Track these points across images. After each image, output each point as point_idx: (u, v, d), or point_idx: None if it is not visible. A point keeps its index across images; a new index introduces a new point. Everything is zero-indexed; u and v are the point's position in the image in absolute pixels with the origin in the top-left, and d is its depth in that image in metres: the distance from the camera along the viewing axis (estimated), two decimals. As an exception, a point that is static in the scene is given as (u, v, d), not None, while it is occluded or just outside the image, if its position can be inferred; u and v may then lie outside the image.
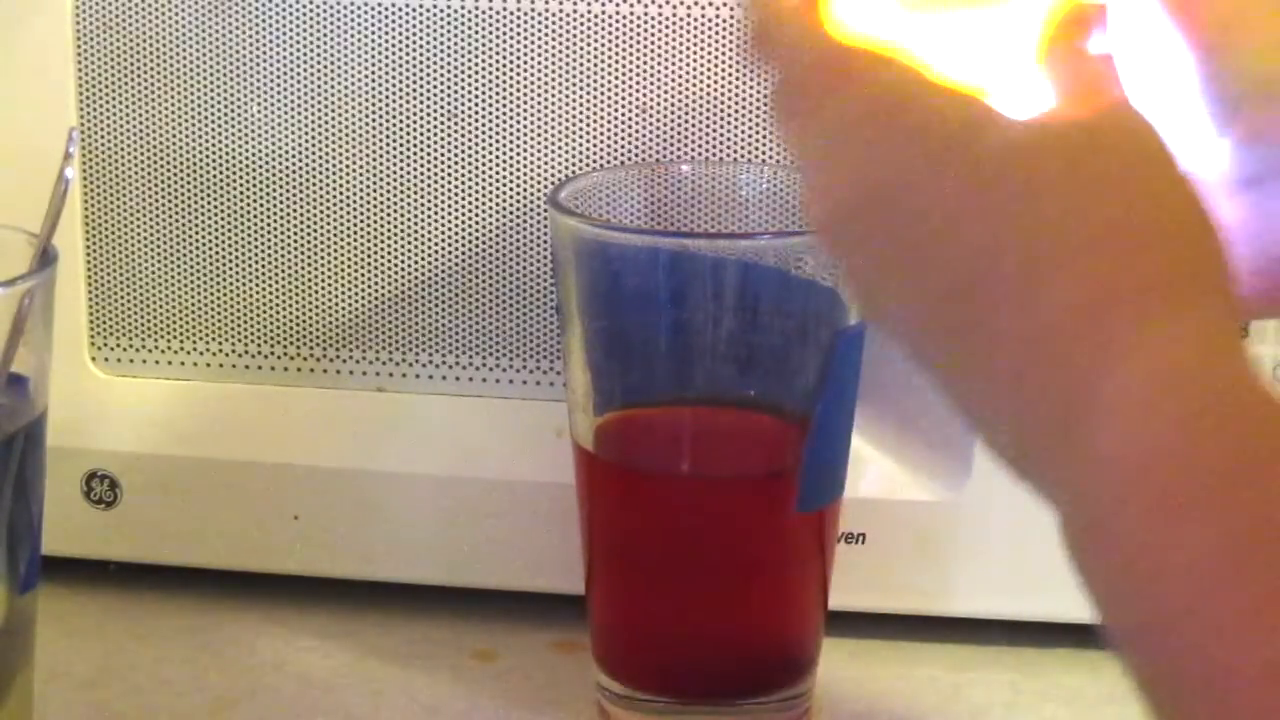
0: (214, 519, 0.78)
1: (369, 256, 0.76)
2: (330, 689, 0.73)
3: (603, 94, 0.74)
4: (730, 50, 0.72)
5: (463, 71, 0.74)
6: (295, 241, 0.76)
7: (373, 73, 0.74)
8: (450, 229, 0.75)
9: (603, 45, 0.73)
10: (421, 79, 0.74)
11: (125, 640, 0.77)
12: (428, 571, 0.78)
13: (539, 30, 0.73)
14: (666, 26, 0.73)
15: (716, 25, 0.72)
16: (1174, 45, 0.51)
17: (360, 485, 0.77)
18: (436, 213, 0.75)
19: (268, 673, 0.74)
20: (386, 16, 0.74)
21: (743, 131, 0.73)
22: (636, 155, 0.74)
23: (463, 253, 0.75)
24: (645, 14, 0.73)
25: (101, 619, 0.78)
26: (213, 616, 0.78)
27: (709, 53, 0.73)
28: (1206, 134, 0.52)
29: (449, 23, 0.74)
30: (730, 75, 0.73)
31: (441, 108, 0.74)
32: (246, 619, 0.78)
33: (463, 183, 0.75)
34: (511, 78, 0.74)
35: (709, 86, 0.73)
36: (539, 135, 0.74)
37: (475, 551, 0.77)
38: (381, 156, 0.75)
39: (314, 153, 0.75)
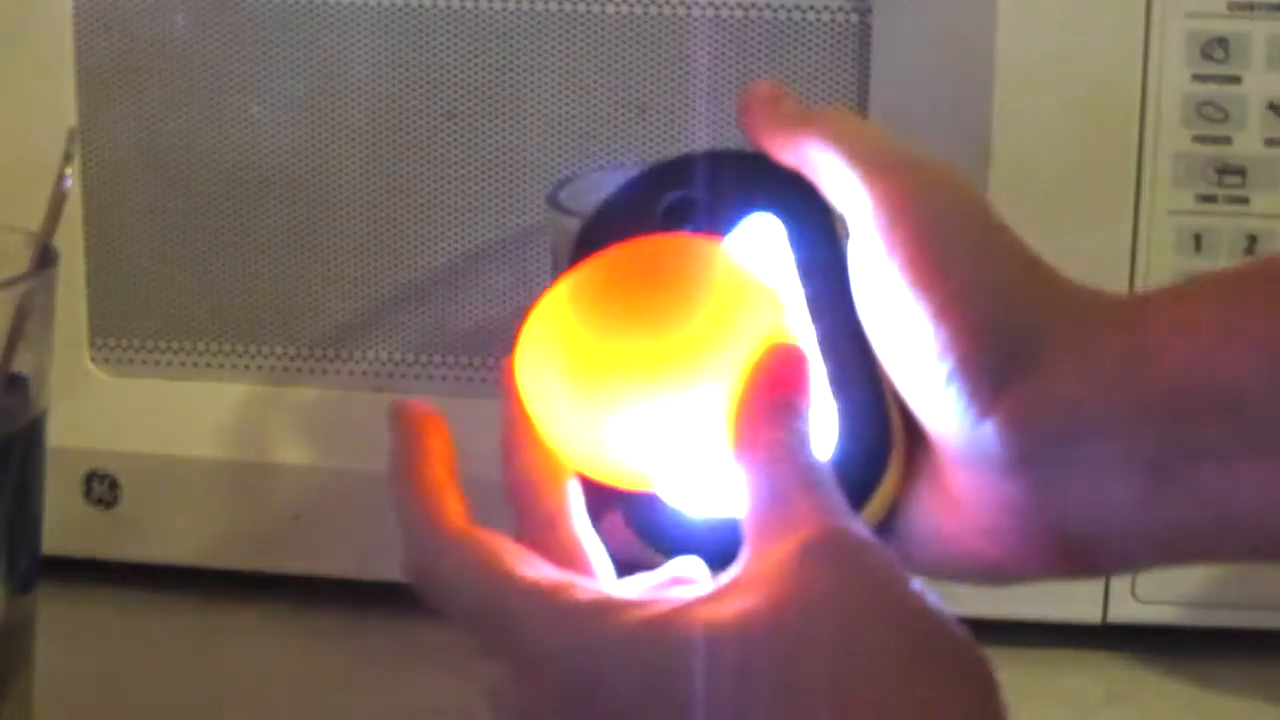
0: (214, 519, 0.78)
1: (368, 257, 0.76)
2: (330, 689, 0.73)
3: (603, 94, 0.73)
4: (730, 50, 0.72)
5: (463, 71, 0.74)
6: (295, 242, 0.76)
7: (373, 73, 0.74)
8: (450, 229, 0.75)
9: (602, 45, 0.73)
10: (422, 79, 0.74)
11: (125, 640, 0.77)
12: (428, 571, 0.78)
13: (539, 30, 0.73)
14: (666, 26, 0.73)
15: (716, 25, 0.72)
16: (921, 337, 0.48)
17: (360, 485, 0.77)
18: (437, 212, 0.75)
19: (268, 673, 0.74)
20: (387, 16, 0.74)
21: (743, 131, 0.73)
22: (636, 155, 0.74)
23: (463, 253, 0.75)
24: (645, 14, 0.73)
25: (101, 619, 0.78)
26: (213, 617, 0.78)
27: (708, 53, 0.73)
28: (964, 422, 0.47)
29: (449, 23, 0.74)
30: (730, 75, 0.73)
31: (442, 108, 0.74)
32: (246, 619, 0.78)
33: (463, 183, 0.75)
34: (511, 78, 0.74)
35: (708, 86, 0.73)
36: (539, 135, 0.74)
37: (475, 551, 0.77)
38: (381, 157, 0.75)
39: (313, 153, 0.75)
